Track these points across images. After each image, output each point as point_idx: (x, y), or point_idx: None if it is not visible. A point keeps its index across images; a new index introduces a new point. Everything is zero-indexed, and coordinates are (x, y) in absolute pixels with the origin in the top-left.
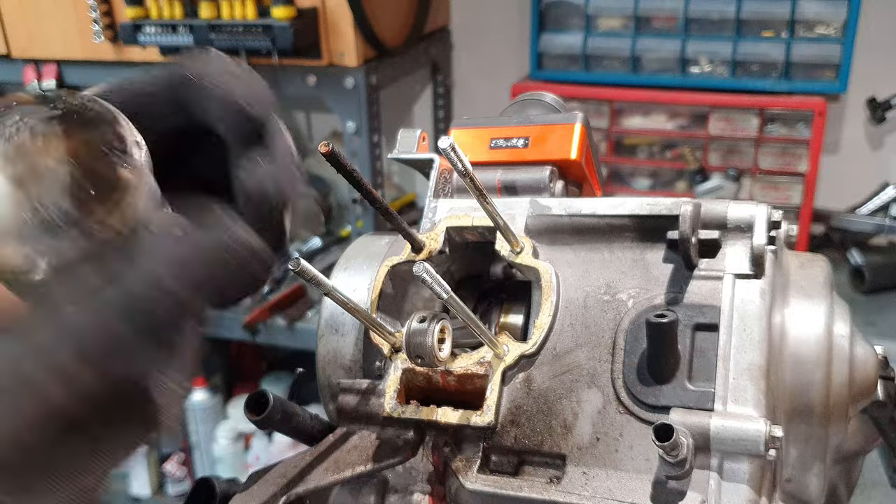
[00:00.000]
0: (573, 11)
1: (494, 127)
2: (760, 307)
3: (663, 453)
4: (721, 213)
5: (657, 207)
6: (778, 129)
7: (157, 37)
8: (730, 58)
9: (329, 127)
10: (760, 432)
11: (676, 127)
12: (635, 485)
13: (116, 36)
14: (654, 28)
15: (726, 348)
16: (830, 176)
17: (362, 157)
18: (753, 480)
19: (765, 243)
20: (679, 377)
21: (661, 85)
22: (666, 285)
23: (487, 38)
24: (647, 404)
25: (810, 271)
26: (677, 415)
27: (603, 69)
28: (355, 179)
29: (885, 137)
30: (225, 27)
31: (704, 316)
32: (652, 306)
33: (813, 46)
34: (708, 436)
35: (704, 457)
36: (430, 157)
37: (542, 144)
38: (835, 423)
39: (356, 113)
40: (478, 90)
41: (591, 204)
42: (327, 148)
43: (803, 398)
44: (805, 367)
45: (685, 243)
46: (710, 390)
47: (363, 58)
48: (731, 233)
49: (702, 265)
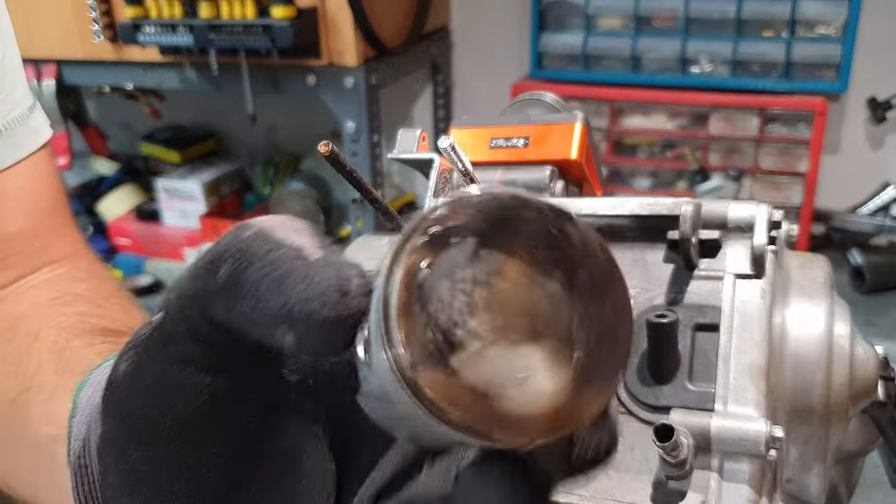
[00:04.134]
0: (573, 11)
1: (494, 127)
2: (761, 307)
3: (664, 454)
4: (721, 213)
5: (657, 207)
6: (778, 128)
7: (157, 36)
8: (730, 58)
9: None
10: (761, 433)
11: (677, 127)
12: (635, 485)
13: (116, 36)
14: (655, 28)
15: (727, 348)
16: (831, 176)
17: (362, 157)
18: (754, 481)
19: (765, 243)
20: (679, 377)
21: (662, 85)
22: (666, 285)
23: (487, 38)
24: (647, 404)
25: (811, 271)
26: (678, 415)
27: (603, 69)
28: (355, 180)
29: (885, 137)
30: (224, 27)
31: (705, 316)
32: (652, 306)
33: (813, 46)
34: (708, 436)
35: (705, 457)
36: (430, 157)
37: (542, 144)
38: (835, 423)
39: (356, 113)
40: (478, 90)
41: (591, 204)
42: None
43: (804, 398)
44: (805, 367)
45: (685, 243)
46: (711, 391)
47: (363, 57)
48: (732, 233)
49: (702, 265)
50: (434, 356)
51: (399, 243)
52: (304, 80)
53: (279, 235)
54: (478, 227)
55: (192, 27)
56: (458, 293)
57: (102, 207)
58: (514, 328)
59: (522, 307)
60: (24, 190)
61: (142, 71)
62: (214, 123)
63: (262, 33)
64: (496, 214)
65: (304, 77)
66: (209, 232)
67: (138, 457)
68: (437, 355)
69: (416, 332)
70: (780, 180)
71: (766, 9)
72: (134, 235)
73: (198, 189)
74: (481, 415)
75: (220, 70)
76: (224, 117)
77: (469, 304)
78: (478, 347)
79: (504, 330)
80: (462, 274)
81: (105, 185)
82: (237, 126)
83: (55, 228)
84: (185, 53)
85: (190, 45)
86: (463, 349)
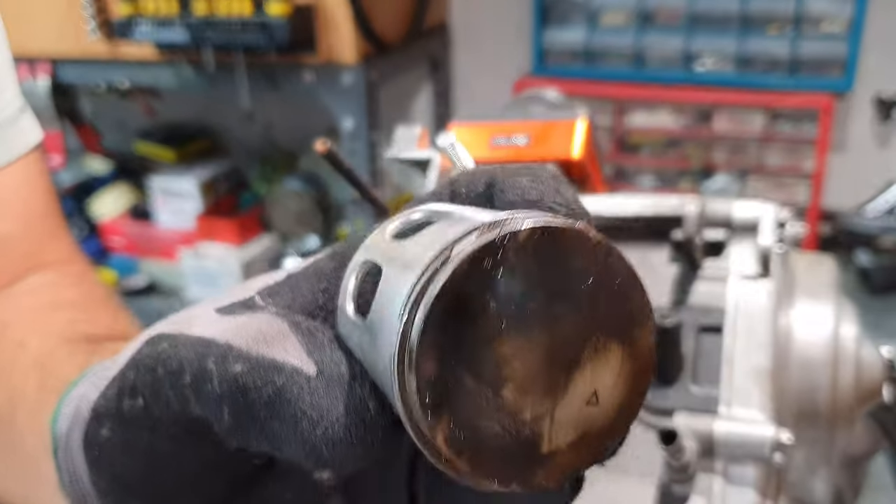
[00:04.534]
0: (576, 7)
1: (495, 124)
2: (766, 309)
3: (668, 457)
4: (726, 212)
5: (662, 207)
6: (784, 126)
7: (152, 33)
8: (734, 54)
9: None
10: (766, 436)
11: (681, 125)
12: (639, 489)
13: (111, 33)
14: (659, 24)
15: (731, 350)
16: (837, 174)
17: (360, 155)
18: (759, 484)
19: (771, 244)
20: (684, 380)
21: (666, 81)
22: (671, 286)
23: (488, 34)
24: (651, 407)
25: (817, 272)
26: (682, 418)
27: (607, 65)
28: (353, 178)
29: (891, 136)
30: (220, 24)
31: (709, 318)
32: (656, 308)
33: (819, 43)
34: (713, 439)
35: (709, 460)
36: (429, 156)
37: (544, 142)
38: (841, 426)
39: (354, 111)
40: (479, 87)
41: (594, 203)
42: (324, 146)
43: (809, 401)
44: (811, 369)
45: (690, 244)
46: (715, 393)
47: (361, 54)
48: (737, 233)
49: (707, 266)
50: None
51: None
52: (301, 77)
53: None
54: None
55: (187, 24)
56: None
57: (96, 207)
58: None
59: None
60: (13, 193)
61: (137, 68)
62: (210, 121)
63: (258, 30)
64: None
65: (301, 74)
66: (204, 231)
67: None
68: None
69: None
70: (785, 179)
71: (771, 5)
72: (128, 235)
73: (193, 188)
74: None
75: (215, 67)
76: (220, 115)
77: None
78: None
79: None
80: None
81: (99, 183)
82: (233, 124)
83: (46, 232)
84: (181, 50)
85: (185, 42)
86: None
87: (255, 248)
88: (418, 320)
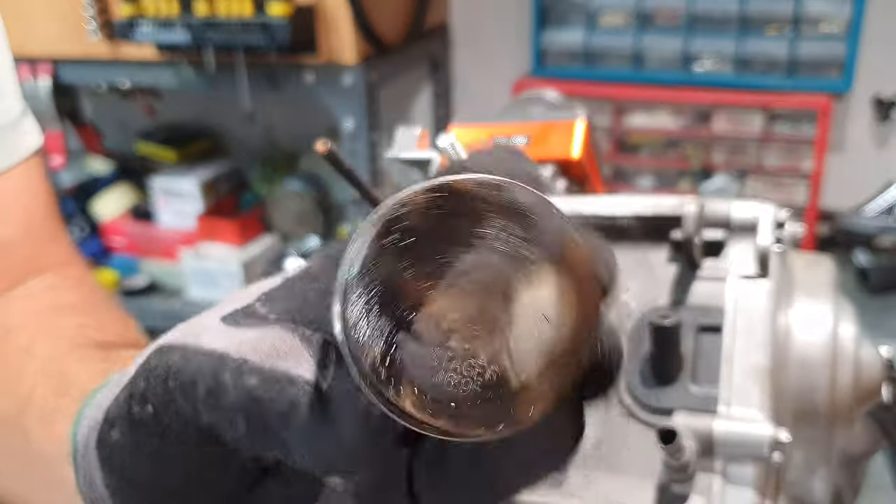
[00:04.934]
0: (575, 8)
1: (495, 125)
2: (765, 308)
3: (667, 456)
4: (725, 212)
5: (660, 208)
6: (782, 127)
7: (153, 34)
8: (733, 55)
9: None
10: (765, 435)
11: (680, 125)
12: (637, 488)
13: (112, 33)
14: (658, 25)
15: (730, 350)
16: (836, 175)
17: (361, 156)
18: (758, 484)
19: (770, 244)
20: (683, 379)
21: (665, 82)
22: (669, 286)
23: (488, 35)
24: (650, 407)
25: (815, 272)
26: (681, 417)
27: (606, 66)
28: (353, 179)
29: (890, 136)
30: (221, 24)
31: (708, 317)
32: (655, 308)
33: (817, 44)
34: (712, 439)
35: (708, 460)
36: (429, 156)
37: (543, 143)
38: (840, 425)
39: (354, 111)
40: (478, 87)
41: (593, 203)
42: (325, 147)
43: (808, 400)
44: (810, 368)
45: (689, 244)
46: (715, 393)
47: (362, 55)
48: (736, 233)
49: (706, 265)
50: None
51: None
52: (301, 78)
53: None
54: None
55: (188, 25)
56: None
57: (97, 207)
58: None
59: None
60: (14, 198)
61: (138, 69)
62: (211, 122)
63: (258, 30)
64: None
65: (301, 75)
66: (205, 232)
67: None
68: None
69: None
70: (784, 179)
71: (770, 6)
72: (129, 235)
73: (194, 188)
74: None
75: (216, 68)
76: (221, 116)
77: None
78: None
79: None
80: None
81: (100, 184)
82: (234, 125)
83: (45, 236)
84: (182, 51)
85: (186, 43)
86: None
87: (256, 248)
88: (348, 312)
